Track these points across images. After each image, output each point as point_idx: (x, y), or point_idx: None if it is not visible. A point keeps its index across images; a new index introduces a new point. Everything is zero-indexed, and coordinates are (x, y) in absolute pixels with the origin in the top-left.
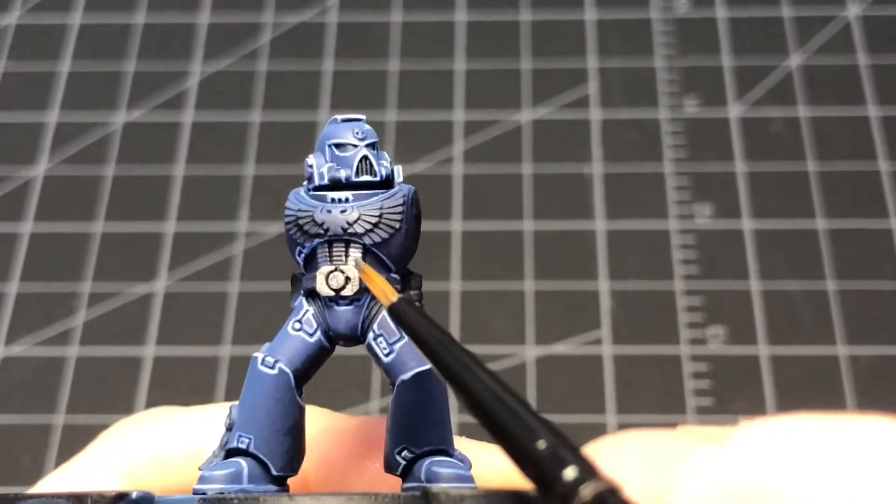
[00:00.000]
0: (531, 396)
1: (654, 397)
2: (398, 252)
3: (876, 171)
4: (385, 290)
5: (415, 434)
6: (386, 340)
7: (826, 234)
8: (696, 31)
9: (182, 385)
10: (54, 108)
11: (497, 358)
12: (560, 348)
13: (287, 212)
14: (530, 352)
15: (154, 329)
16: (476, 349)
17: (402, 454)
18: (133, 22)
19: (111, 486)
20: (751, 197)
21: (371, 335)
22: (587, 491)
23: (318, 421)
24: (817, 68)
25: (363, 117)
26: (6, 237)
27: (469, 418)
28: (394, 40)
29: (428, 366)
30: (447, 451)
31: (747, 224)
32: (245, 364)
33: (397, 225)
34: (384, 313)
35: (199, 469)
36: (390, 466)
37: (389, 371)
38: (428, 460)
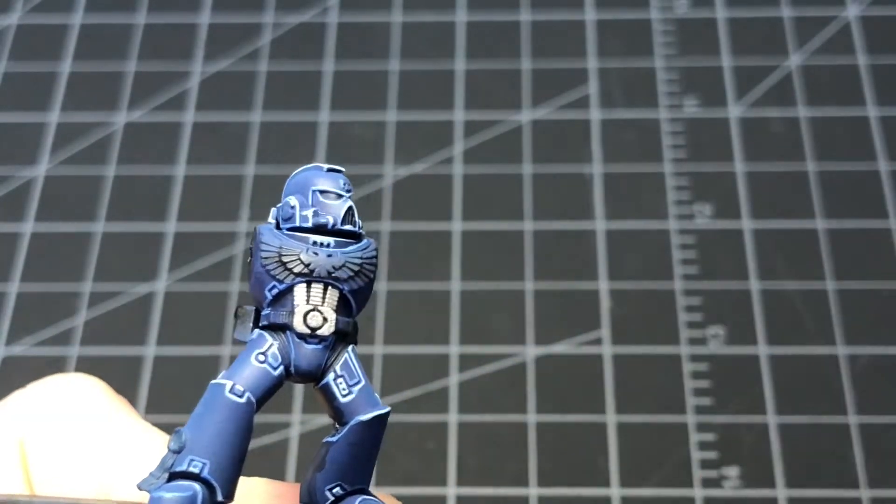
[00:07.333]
0: (531, 396)
1: (654, 397)
2: (362, 300)
3: (876, 171)
4: None
5: (352, 472)
6: (346, 382)
7: (826, 234)
8: (696, 31)
9: (182, 385)
10: (55, 109)
11: (497, 358)
12: (560, 348)
13: (266, 247)
14: (530, 352)
15: (154, 329)
16: (476, 349)
17: (335, 490)
18: (133, 22)
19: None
20: (751, 197)
21: (332, 375)
22: None
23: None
24: (817, 68)
25: (343, 169)
26: (6, 237)
27: None
28: (394, 40)
29: (385, 409)
30: (365, 489)
31: (747, 224)
32: None
33: (371, 275)
34: (346, 356)
35: (139, 488)
36: (315, 501)
37: (344, 411)
38: (359, 498)
